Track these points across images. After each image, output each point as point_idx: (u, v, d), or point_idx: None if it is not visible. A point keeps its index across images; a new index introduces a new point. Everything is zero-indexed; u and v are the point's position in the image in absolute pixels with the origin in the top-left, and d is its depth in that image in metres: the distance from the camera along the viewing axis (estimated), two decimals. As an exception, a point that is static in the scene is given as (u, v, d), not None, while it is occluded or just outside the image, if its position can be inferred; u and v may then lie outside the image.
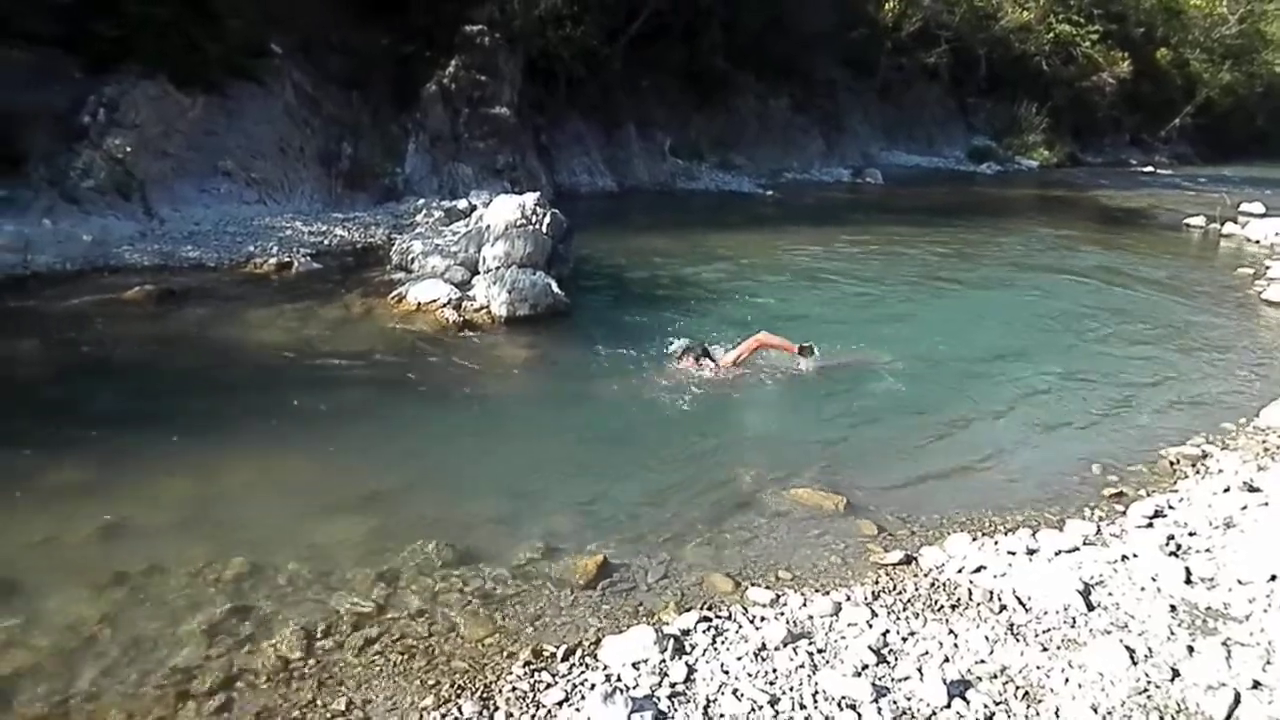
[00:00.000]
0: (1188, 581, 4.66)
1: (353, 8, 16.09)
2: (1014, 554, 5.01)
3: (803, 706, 3.62)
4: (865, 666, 3.88)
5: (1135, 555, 4.95)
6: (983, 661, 3.97)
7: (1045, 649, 4.08)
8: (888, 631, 4.17)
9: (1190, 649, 4.05)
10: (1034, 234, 17.99)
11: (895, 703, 3.64)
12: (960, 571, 4.84)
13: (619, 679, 3.78)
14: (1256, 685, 3.77)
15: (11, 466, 5.52)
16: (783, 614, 4.33)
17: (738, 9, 23.33)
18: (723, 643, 4.05)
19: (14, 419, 6.23)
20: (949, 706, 3.62)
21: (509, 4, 17.31)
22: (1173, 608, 4.43)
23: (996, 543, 5.18)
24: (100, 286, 9.44)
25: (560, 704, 3.64)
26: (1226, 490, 5.88)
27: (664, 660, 3.88)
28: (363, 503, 5.43)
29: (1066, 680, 3.83)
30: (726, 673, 3.82)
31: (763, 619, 4.27)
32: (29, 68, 11.19)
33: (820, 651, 4.01)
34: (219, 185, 12.67)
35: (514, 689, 3.76)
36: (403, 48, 16.52)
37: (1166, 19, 40.13)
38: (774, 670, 3.85)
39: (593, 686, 3.72)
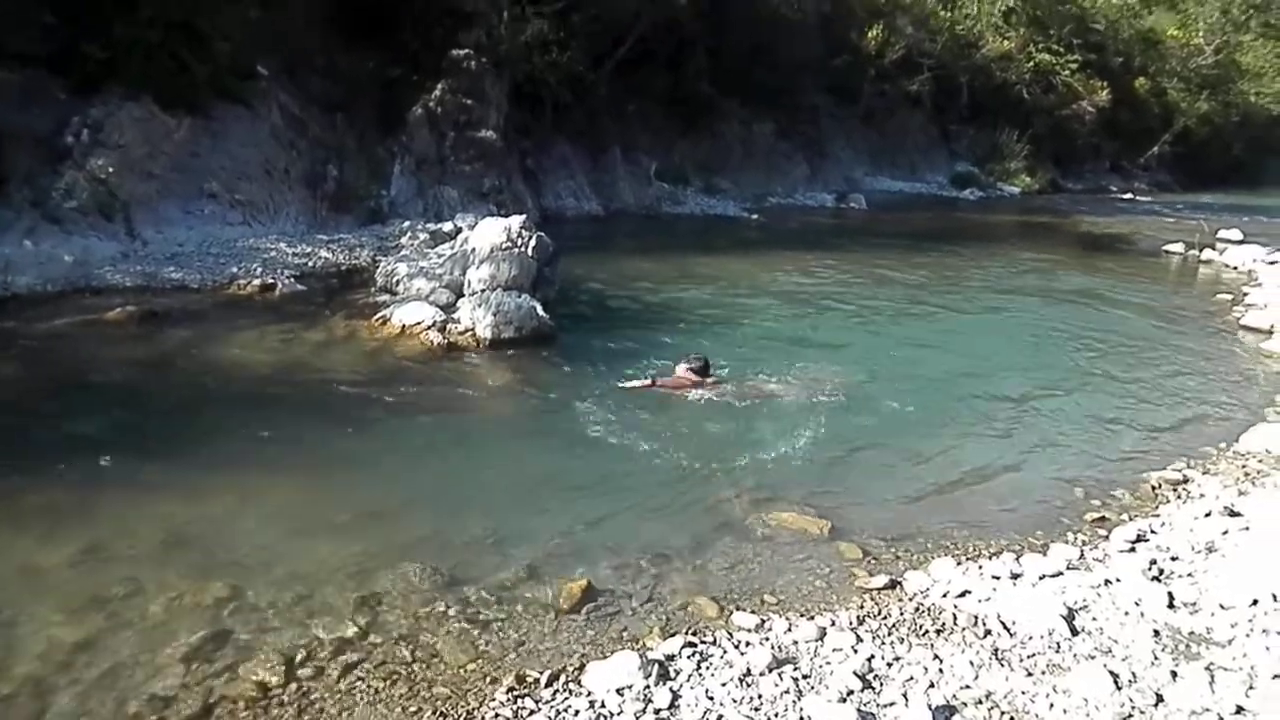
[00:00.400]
0: (1170, 606, 4.68)
1: (340, 31, 16.15)
2: (998, 578, 5.01)
3: (788, 733, 3.60)
4: (850, 692, 3.87)
5: (1118, 580, 4.97)
6: (968, 687, 3.97)
7: (1030, 674, 4.07)
8: (873, 657, 4.16)
9: (1174, 674, 4.05)
10: (1016, 259, 18.15)
11: (881, 729, 3.63)
12: (945, 596, 4.84)
13: (603, 705, 3.75)
14: (1240, 711, 3.78)
15: (-12, 489, 5.45)
16: (768, 639, 4.31)
17: (723, 36, 23.59)
18: (708, 668, 4.03)
19: (-9, 441, 6.15)
20: (934, 732, 3.61)
21: (496, 29, 17.42)
22: (1156, 632, 4.44)
23: (981, 567, 5.19)
24: (82, 308, 9.37)
25: (543, 731, 3.61)
26: (1208, 515, 5.92)
27: (648, 686, 3.85)
28: (345, 526, 5.39)
29: (1051, 705, 3.83)
30: (711, 699, 3.80)
31: (748, 644, 4.25)
32: (13, 88, 11.15)
33: (805, 677, 3.99)
34: (203, 206, 12.63)
35: (497, 716, 3.73)
36: (389, 71, 16.58)
37: (1144, 49, 40.84)
38: (759, 696, 3.83)
39: (577, 713, 3.69)
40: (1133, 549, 5.44)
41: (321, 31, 15.91)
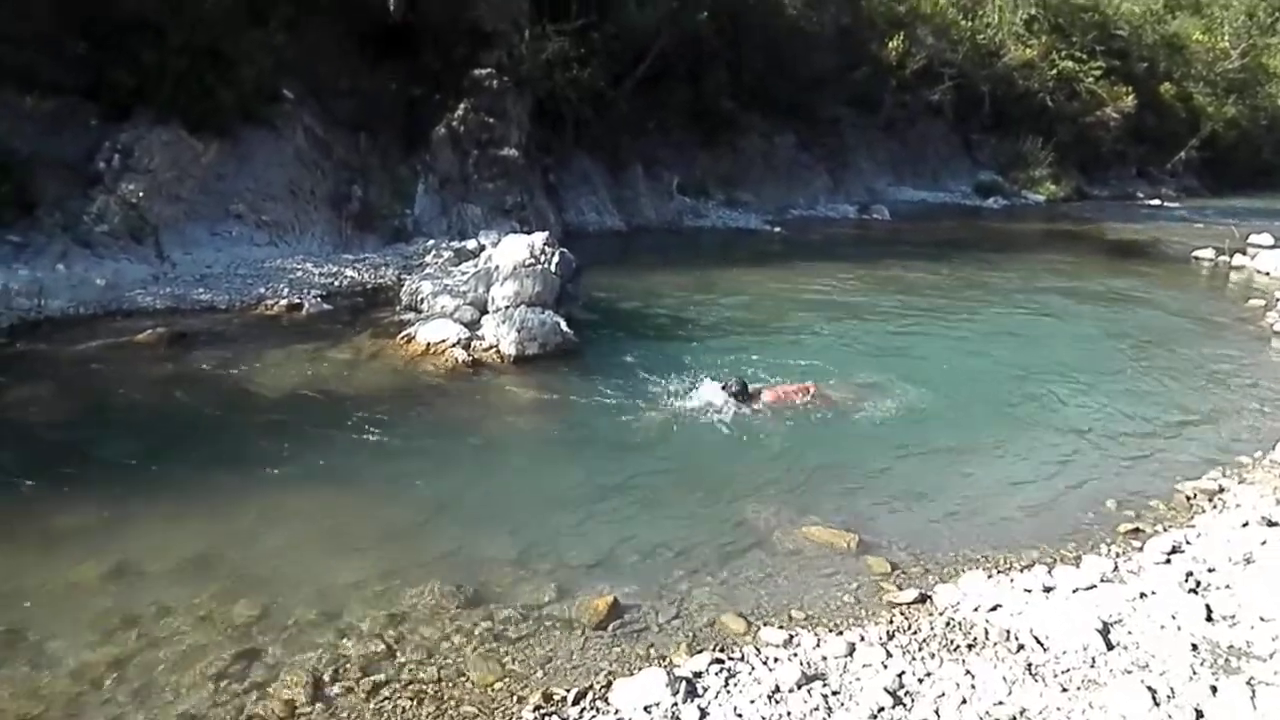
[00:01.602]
0: (1209, 619, 4.59)
1: (363, 53, 16.34)
2: (1030, 592, 4.94)
3: (818, 750, 3.56)
4: (881, 709, 3.81)
5: (1154, 592, 4.88)
6: (1001, 703, 3.90)
7: (1065, 690, 4.00)
8: (903, 672, 4.10)
9: (1213, 689, 3.97)
10: (1043, 268, 17.97)
11: (913, 746, 3.58)
12: (976, 610, 4.77)
13: (631, 723, 3.72)
14: (1282, 726, 3.69)
15: (22, 510, 5.54)
16: (796, 655, 4.27)
17: (742, 51, 23.65)
18: (735, 685, 3.99)
19: (26, 462, 6.23)
20: (968, 750, 3.55)
21: (516, 48, 17.57)
22: (1194, 646, 4.35)
23: (1012, 580, 5.11)
24: (112, 330, 9.51)
25: (571, 749, 3.59)
26: (1245, 525, 5.81)
27: (676, 703, 3.82)
28: (373, 544, 5.41)
29: (1087, 722, 3.76)
30: (740, 716, 3.76)
31: (776, 660, 4.21)
32: (46, 116, 11.38)
33: (835, 694, 3.94)
34: (230, 228, 12.80)
35: (524, 734, 3.71)
36: (412, 91, 16.76)
37: (1169, 54, 40.42)
38: (788, 713, 3.79)
39: (604, 731, 3.67)
40: (1168, 561, 5.34)
41: (345, 54, 16.10)
